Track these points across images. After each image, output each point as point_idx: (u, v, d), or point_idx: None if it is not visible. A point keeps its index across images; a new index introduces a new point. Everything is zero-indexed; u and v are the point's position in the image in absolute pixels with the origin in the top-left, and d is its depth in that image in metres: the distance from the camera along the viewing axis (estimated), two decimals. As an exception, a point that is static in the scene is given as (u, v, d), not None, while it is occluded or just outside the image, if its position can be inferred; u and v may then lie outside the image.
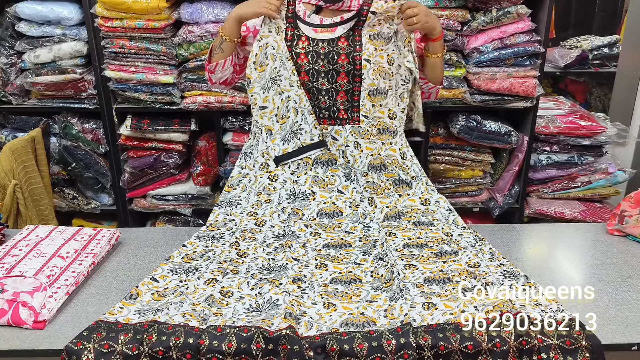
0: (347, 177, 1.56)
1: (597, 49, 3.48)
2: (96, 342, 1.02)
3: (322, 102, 1.55)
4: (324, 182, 1.54)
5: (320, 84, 1.53)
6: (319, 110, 1.55)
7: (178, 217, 2.74)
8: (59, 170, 2.64)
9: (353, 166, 1.56)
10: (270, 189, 1.54)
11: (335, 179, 1.55)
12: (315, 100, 1.54)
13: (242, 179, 1.60)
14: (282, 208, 1.51)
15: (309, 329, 1.05)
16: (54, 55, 2.40)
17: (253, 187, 1.56)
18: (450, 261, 1.27)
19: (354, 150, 1.55)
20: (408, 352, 0.98)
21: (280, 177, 1.55)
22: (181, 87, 2.45)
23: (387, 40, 1.53)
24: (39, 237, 1.40)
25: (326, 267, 1.29)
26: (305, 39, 1.53)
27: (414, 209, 1.53)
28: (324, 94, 1.54)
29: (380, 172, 1.56)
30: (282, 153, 1.56)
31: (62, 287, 1.20)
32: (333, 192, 1.54)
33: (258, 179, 1.57)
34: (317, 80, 1.53)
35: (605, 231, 1.51)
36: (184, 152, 2.63)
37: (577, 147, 2.60)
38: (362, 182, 1.54)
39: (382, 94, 1.54)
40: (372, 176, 1.55)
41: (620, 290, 1.22)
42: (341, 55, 1.51)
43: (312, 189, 1.53)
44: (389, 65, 1.53)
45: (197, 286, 1.19)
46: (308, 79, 1.53)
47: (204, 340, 1.00)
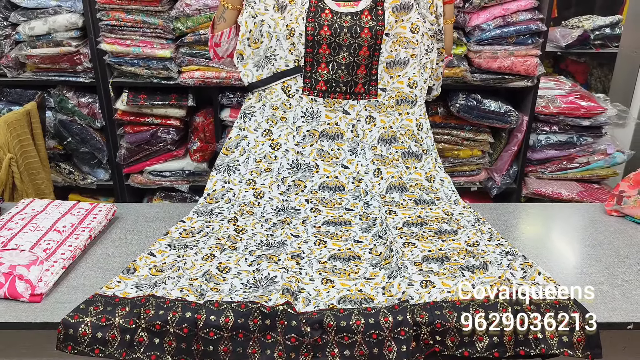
0: (352, 151, 1.55)
1: (599, 29, 3.44)
2: (93, 316, 1.01)
3: (340, 77, 1.53)
4: (328, 155, 1.54)
5: (341, 57, 1.51)
6: (336, 84, 1.54)
7: (175, 194, 2.73)
8: (55, 144, 2.62)
9: (362, 140, 1.55)
10: (271, 157, 1.53)
11: (340, 152, 1.54)
12: (334, 74, 1.53)
13: (241, 141, 1.57)
14: (282, 178, 1.50)
15: (306, 305, 1.05)
16: (49, 27, 2.36)
17: (252, 152, 1.54)
18: (449, 240, 1.27)
19: (365, 125, 1.55)
20: (405, 329, 0.98)
21: (283, 146, 1.54)
22: (178, 62, 2.42)
23: (408, 10, 1.52)
24: (35, 211, 1.39)
25: (325, 244, 1.29)
26: (329, 12, 1.51)
27: (417, 184, 1.53)
28: (344, 68, 1.52)
29: (390, 144, 1.56)
30: (255, 80, 1.55)
31: (58, 261, 1.20)
32: (337, 166, 1.53)
33: (259, 144, 1.55)
34: (339, 54, 1.51)
35: (603, 211, 1.51)
36: (181, 128, 2.61)
37: (576, 128, 2.59)
38: (370, 156, 1.54)
39: (401, 65, 1.54)
40: (380, 149, 1.55)
41: (617, 270, 1.22)
42: (364, 29, 1.49)
43: (316, 162, 1.53)
44: (412, 34, 1.52)
45: (194, 262, 1.18)
46: (329, 52, 1.51)
47: (201, 315, 0.99)
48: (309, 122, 1.54)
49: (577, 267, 1.25)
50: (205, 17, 2.34)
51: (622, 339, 1.14)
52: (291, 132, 1.54)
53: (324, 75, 1.53)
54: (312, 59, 1.53)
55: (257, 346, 0.98)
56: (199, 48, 2.40)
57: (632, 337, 1.15)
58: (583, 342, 1.00)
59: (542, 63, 2.41)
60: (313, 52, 1.52)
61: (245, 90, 2.44)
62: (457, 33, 2.39)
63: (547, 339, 1.00)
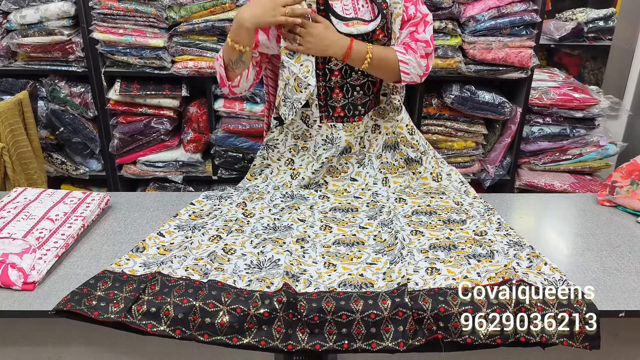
0: (359, 163, 1.54)
1: (593, 21, 3.45)
2: (102, 290, 1.04)
3: (357, 99, 1.47)
4: (337, 170, 1.53)
5: (354, 79, 1.45)
6: (354, 108, 1.47)
7: (168, 184, 2.72)
8: (47, 134, 2.60)
9: (369, 151, 1.54)
10: (289, 185, 1.52)
11: (348, 166, 1.54)
12: (350, 97, 1.47)
13: (265, 169, 1.55)
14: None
15: (307, 287, 1.07)
16: (41, 15, 2.34)
17: (273, 180, 1.53)
18: (457, 229, 1.28)
19: (371, 135, 1.54)
20: (403, 310, 0.99)
21: (301, 174, 1.52)
22: (172, 52, 2.40)
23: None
24: (27, 200, 1.38)
25: (331, 229, 1.29)
26: None
27: (426, 188, 1.53)
28: (359, 89, 1.46)
29: (394, 150, 1.55)
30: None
31: (51, 250, 1.19)
32: (346, 180, 1.53)
33: (281, 173, 1.53)
34: (351, 76, 1.45)
35: (595, 202, 1.52)
36: (174, 118, 2.60)
37: (569, 120, 2.60)
38: (377, 165, 1.54)
39: None
40: (386, 156, 1.55)
41: (610, 259, 1.23)
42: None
43: (325, 179, 1.52)
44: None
45: (201, 242, 1.20)
46: (341, 75, 1.44)
47: (204, 291, 1.02)
48: (329, 149, 1.50)
49: (570, 256, 1.26)
50: (199, 6, 2.32)
51: (614, 327, 1.15)
52: (312, 160, 1.52)
53: (340, 101, 1.47)
54: (325, 86, 1.45)
55: (254, 321, 0.99)
56: (193, 37, 2.38)
57: (624, 324, 1.16)
58: (583, 333, 1.00)
59: (536, 54, 2.41)
60: (325, 79, 1.44)
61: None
62: (451, 24, 2.39)
63: (547, 328, 1.00)
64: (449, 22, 2.38)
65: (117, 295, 1.03)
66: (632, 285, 1.13)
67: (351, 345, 0.99)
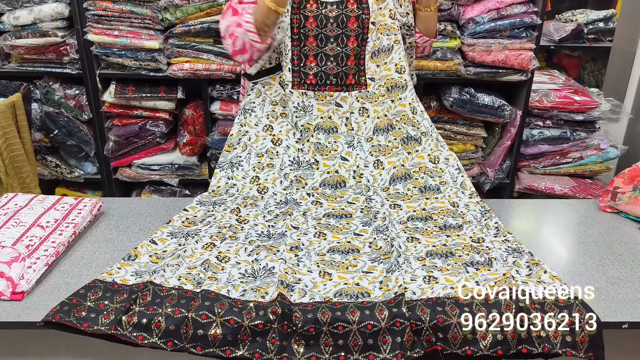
0: (349, 144, 1.52)
1: (593, 23, 3.43)
2: (92, 301, 1.01)
3: (330, 69, 1.50)
4: (326, 148, 1.51)
5: (329, 49, 1.48)
6: (326, 77, 1.50)
7: (164, 188, 2.69)
8: (41, 137, 2.57)
9: (357, 133, 1.52)
10: (273, 152, 1.51)
11: (337, 145, 1.52)
12: (323, 66, 1.49)
13: (242, 137, 1.54)
14: (284, 174, 1.49)
15: (302, 297, 1.04)
16: (35, 17, 2.31)
17: (254, 147, 1.52)
18: (454, 235, 1.26)
19: (359, 117, 1.52)
20: (400, 321, 0.97)
21: (284, 142, 1.52)
22: (167, 54, 2.37)
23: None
24: (18, 206, 1.36)
25: (325, 236, 1.27)
26: (314, 2, 1.47)
27: (422, 168, 1.51)
28: (333, 59, 1.49)
29: (387, 132, 1.53)
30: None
31: (41, 258, 1.16)
32: (336, 158, 1.51)
33: (260, 139, 1.53)
34: (326, 46, 1.48)
35: (597, 208, 1.50)
36: (170, 121, 2.57)
37: (570, 123, 2.58)
38: (367, 148, 1.52)
39: (385, 52, 1.51)
40: (377, 139, 1.52)
41: (612, 267, 1.21)
42: (351, 19, 1.46)
43: (315, 157, 1.50)
44: (392, 20, 1.50)
45: (194, 250, 1.18)
46: (316, 43, 1.48)
47: (197, 301, 0.99)
48: (302, 117, 1.51)
49: (571, 264, 1.24)
50: (195, 8, 2.29)
51: (617, 337, 1.13)
52: (291, 128, 1.52)
53: (313, 69, 1.50)
54: (300, 52, 1.49)
55: (248, 333, 0.97)
56: (189, 39, 2.35)
57: (627, 335, 1.13)
58: (586, 343, 0.98)
59: (536, 57, 2.39)
60: (300, 45, 1.48)
61: (235, 83, 2.42)
62: (450, 26, 2.36)
63: (550, 338, 0.99)
64: (448, 24, 2.36)
65: (108, 305, 1.01)
66: (635, 295, 1.11)
67: (348, 357, 0.97)
